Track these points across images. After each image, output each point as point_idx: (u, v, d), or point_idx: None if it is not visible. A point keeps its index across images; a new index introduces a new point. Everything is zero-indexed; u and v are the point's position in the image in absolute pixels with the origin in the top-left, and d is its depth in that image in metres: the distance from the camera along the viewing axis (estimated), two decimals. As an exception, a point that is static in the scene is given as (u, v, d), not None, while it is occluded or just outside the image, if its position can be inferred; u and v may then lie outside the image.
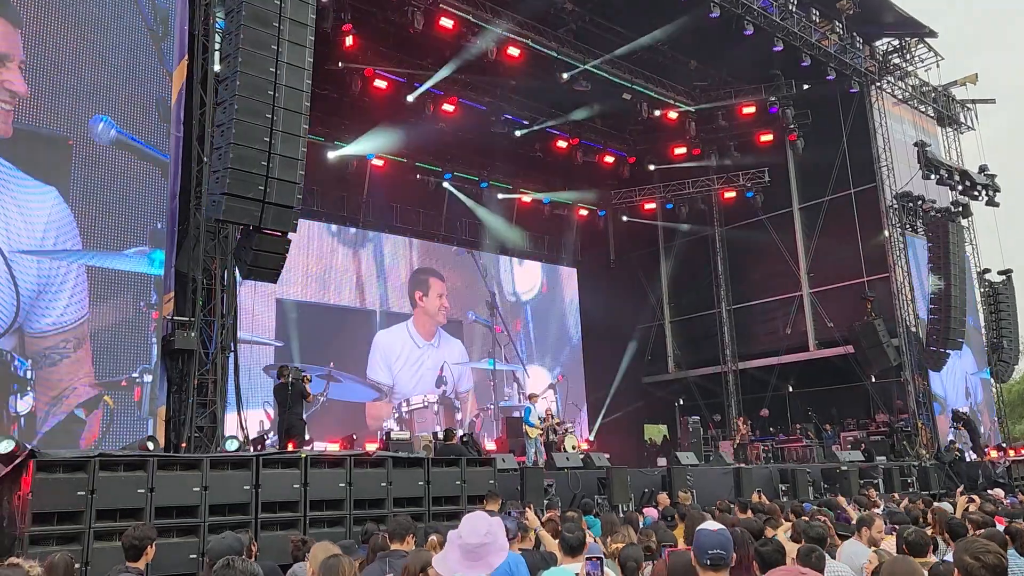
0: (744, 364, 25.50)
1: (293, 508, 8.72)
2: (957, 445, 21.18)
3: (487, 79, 21.01)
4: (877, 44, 24.22)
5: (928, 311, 22.01)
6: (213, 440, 10.84)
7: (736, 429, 21.82)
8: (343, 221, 22.43)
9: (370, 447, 14.31)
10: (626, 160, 25.57)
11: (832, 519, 7.40)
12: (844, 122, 22.53)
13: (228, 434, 11.04)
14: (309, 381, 12.77)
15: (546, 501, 11.66)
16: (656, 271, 27.87)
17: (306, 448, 11.70)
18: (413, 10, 17.19)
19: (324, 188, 21.27)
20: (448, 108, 20.86)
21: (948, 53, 24.80)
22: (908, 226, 23.00)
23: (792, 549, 5.02)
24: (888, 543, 5.85)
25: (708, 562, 3.57)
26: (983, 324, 24.67)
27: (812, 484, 16.01)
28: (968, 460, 20.43)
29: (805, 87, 22.51)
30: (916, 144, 22.54)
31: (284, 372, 12.40)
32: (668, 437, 23.76)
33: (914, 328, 22.12)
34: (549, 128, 23.39)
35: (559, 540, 5.15)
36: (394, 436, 15.08)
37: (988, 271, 24.85)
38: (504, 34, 18.73)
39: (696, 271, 26.62)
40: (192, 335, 11.01)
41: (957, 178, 22.97)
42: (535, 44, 19.48)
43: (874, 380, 22.18)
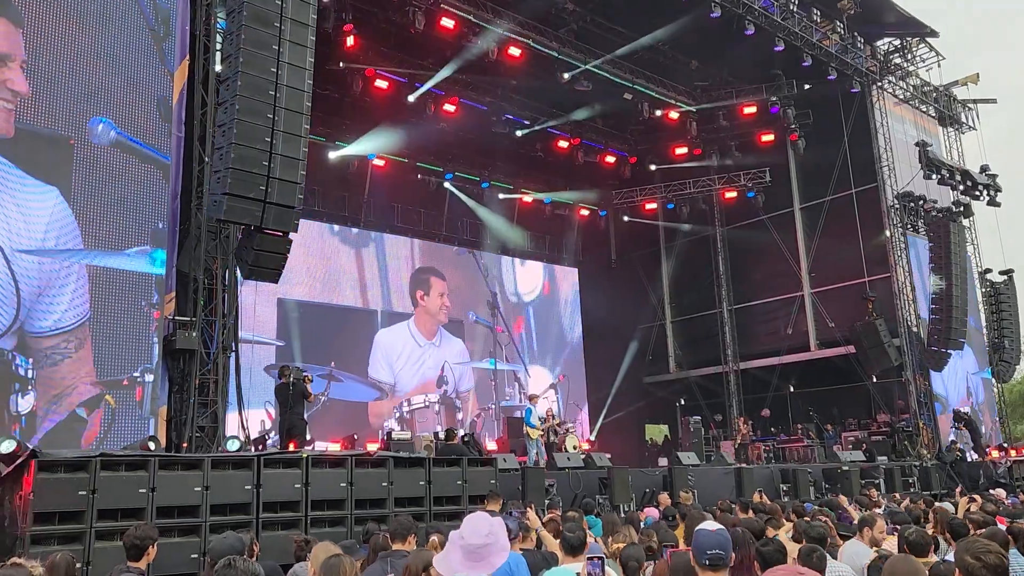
0: (745, 364, 25.49)
1: (294, 508, 8.72)
2: (958, 445, 21.17)
3: (488, 79, 21.01)
4: (878, 44, 24.20)
5: (929, 311, 21.99)
6: (214, 440, 10.85)
7: (737, 429, 21.81)
8: (344, 221, 22.43)
9: (371, 447, 14.32)
10: (627, 160, 25.57)
11: (833, 519, 7.40)
12: (845, 122, 22.51)
13: (229, 434, 11.04)
14: (310, 381, 12.79)
15: (547, 501, 11.65)
16: (657, 271, 27.86)
17: (307, 448, 11.70)
18: (414, 10, 17.21)
19: (325, 188, 21.27)
20: (449, 108, 20.86)
21: (948, 53, 24.81)
22: (909, 226, 22.98)
23: (793, 549, 5.02)
24: (890, 543, 5.85)
25: (707, 562, 3.56)
26: (984, 324, 24.65)
27: (813, 484, 16.00)
28: (969, 460, 20.41)
29: (806, 87, 22.52)
30: (917, 144, 22.53)
31: (285, 372, 12.42)
32: (669, 437, 23.76)
33: (915, 328, 22.10)
34: (550, 128, 23.39)
35: (560, 540, 5.16)
36: (395, 436, 15.09)
37: (989, 271, 24.83)
38: (505, 34, 18.73)
39: (697, 271, 26.61)
40: (193, 335, 11.02)
41: (958, 178, 22.96)
42: (536, 44, 19.48)
43: (875, 380, 22.16)
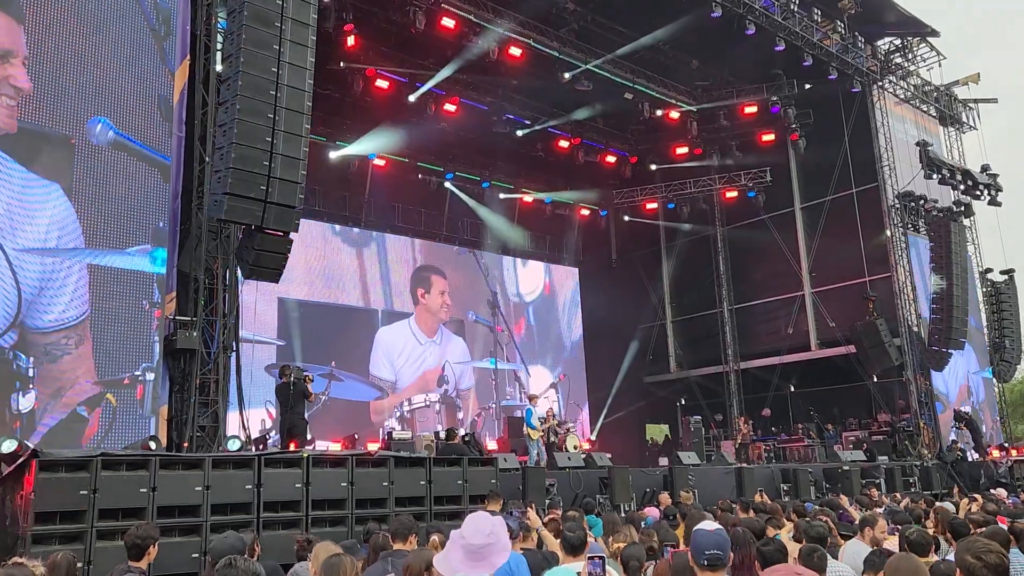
0: (746, 364, 25.48)
1: (295, 508, 8.72)
2: (959, 445, 21.16)
3: (489, 79, 21.00)
4: (879, 43, 24.18)
5: (930, 311, 21.98)
6: (215, 440, 10.85)
7: (738, 429, 21.81)
8: (345, 221, 22.43)
9: (372, 447, 14.33)
10: (628, 160, 25.56)
11: (834, 519, 7.39)
12: (846, 122, 22.49)
13: (230, 434, 11.05)
14: (311, 381, 12.80)
15: (548, 501, 11.65)
16: (658, 271, 27.86)
17: (308, 448, 11.72)
18: (415, 10, 17.20)
19: (326, 188, 21.27)
20: (450, 108, 20.85)
21: (948, 53, 24.80)
22: (910, 226, 22.96)
23: (794, 549, 5.02)
24: (891, 543, 5.84)
25: (705, 563, 3.56)
26: (985, 324, 24.64)
27: (814, 484, 16.00)
28: (970, 460, 20.41)
29: (807, 87, 22.50)
30: (918, 143, 22.52)
31: (286, 372, 12.43)
32: (670, 437, 23.77)
33: (916, 328, 22.09)
34: (551, 128, 23.38)
35: (560, 539, 5.16)
36: (396, 436, 15.09)
37: (990, 271, 24.81)
38: (506, 34, 18.73)
39: (698, 271, 26.60)
40: (194, 335, 11.03)
41: (959, 177, 22.95)
42: (537, 44, 19.47)
43: (876, 380, 22.15)
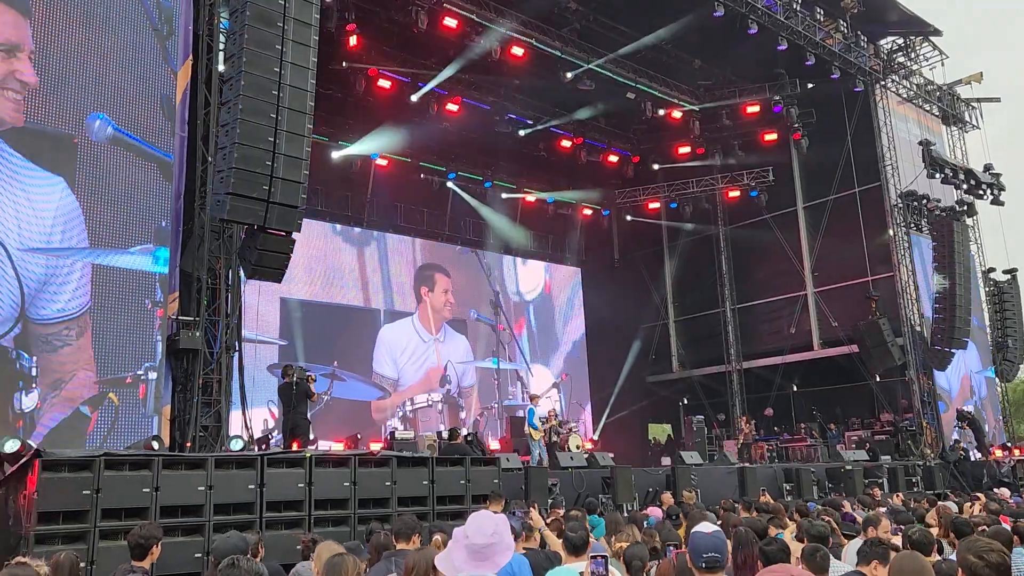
0: (748, 363, 25.46)
1: (297, 507, 8.72)
2: (962, 444, 21.13)
3: (491, 79, 21.00)
4: (882, 43, 24.15)
5: (933, 310, 21.94)
6: (218, 439, 10.87)
7: (740, 429, 21.78)
8: (347, 220, 22.44)
9: (374, 446, 14.32)
10: (630, 159, 25.55)
11: (837, 519, 7.39)
12: (848, 121, 22.47)
13: (233, 433, 11.07)
14: (313, 380, 12.81)
15: (550, 500, 11.66)
16: (660, 270, 27.84)
17: (310, 447, 11.72)
18: (417, 9, 17.21)
19: (328, 188, 21.28)
20: (452, 108, 20.86)
21: (949, 53, 24.78)
22: (913, 225, 22.93)
23: (797, 549, 5.02)
24: (894, 543, 5.83)
25: (704, 565, 3.55)
26: (988, 323, 24.60)
27: (817, 484, 15.98)
28: (973, 460, 20.38)
29: (809, 86, 22.48)
30: (921, 143, 22.49)
31: (288, 371, 12.43)
32: (672, 436, 23.79)
33: (919, 327, 22.05)
34: (553, 127, 23.38)
35: (562, 539, 5.16)
36: (398, 435, 15.08)
37: (993, 270, 24.78)
38: (508, 33, 18.72)
39: (700, 270, 26.59)
40: (197, 335, 11.05)
41: (962, 177, 22.91)
42: (539, 43, 19.47)
43: (878, 379, 22.11)
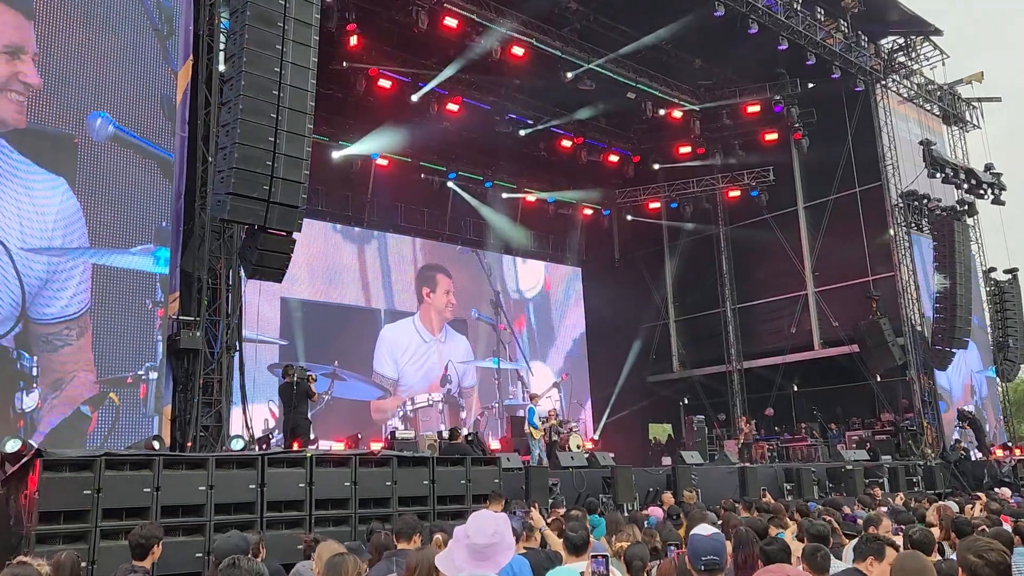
0: (749, 363, 25.46)
1: (298, 507, 8.71)
2: (963, 444, 21.12)
3: (491, 78, 21.00)
4: (882, 42, 24.13)
5: (933, 310, 21.93)
6: (218, 439, 10.87)
7: (740, 429, 21.77)
8: (348, 220, 22.45)
9: (375, 446, 14.33)
10: (630, 159, 25.54)
11: (838, 519, 7.39)
12: (849, 121, 22.47)
13: (233, 433, 11.07)
14: (314, 380, 12.82)
15: (551, 500, 11.66)
16: (661, 270, 27.84)
17: (311, 447, 11.72)
18: (417, 9, 17.21)
19: (329, 188, 21.28)
20: (452, 107, 20.87)
21: (950, 53, 24.75)
22: (913, 225, 22.92)
23: (798, 548, 5.02)
24: (889, 539, 5.83)
25: (703, 568, 3.55)
26: (988, 323, 24.59)
27: (817, 483, 15.98)
28: (974, 459, 20.37)
29: (810, 86, 22.47)
30: (921, 142, 22.47)
31: (289, 371, 12.44)
32: (673, 436, 23.77)
33: (919, 327, 22.05)
34: (553, 127, 23.37)
35: (563, 539, 5.16)
36: (399, 435, 15.07)
37: (994, 270, 24.76)
38: (508, 33, 18.72)
39: (701, 270, 26.58)
40: (197, 335, 11.05)
41: (963, 176, 22.88)
42: (539, 43, 19.47)
43: (879, 379, 22.11)
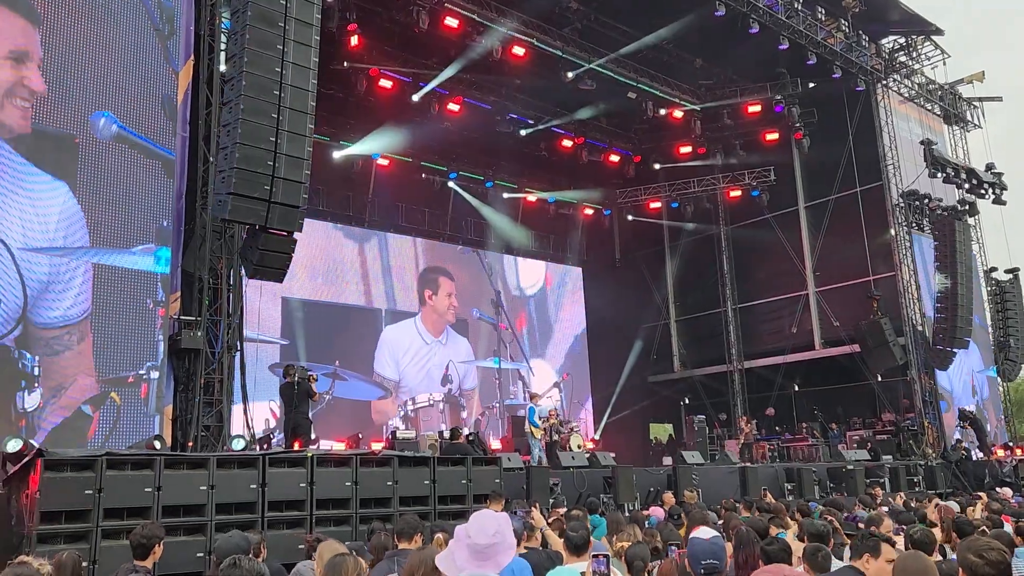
0: (750, 363, 25.45)
1: (299, 507, 8.72)
2: (964, 444, 21.11)
3: (492, 78, 21.00)
4: (883, 42, 24.12)
5: (935, 310, 21.92)
6: (219, 439, 10.88)
7: (740, 429, 21.76)
8: (348, 220, 22.45)
9: (376, 446, 14.33)
10: (631, 159, 25.54)
11: (840, 519, 7.39)
12: (850, 120, 22.46)
13: (234, 433, 11.08)
14: (315, 380, 12.81)
15: (552, 500, 11.66)
16: (661, 270, 27.83)
17: (312, 447, 11.73)
18: (418, 9, 17.21)
19: (330, 187, 21.29)
20: (453, 107, 20.87)
21: (951, 52, 24.72)
22: (914, 224, 22.91)
23: (798, 548, 5.02)
24: (897, 543, 5.83)
25: (702, 571, 3.55)
26: (989, 323, 24.57)
27: (818, 483, 15.98)
28: (975, 459, 20.36)
29: (811, 85, 22.48)
30: (922, 142, 22.46)
31: (290, 371, 12.44)
32: (673, 436, 23.78)
33: (920, 327, 22.04)
34: (554, 127, 23.37)
35: (563, 539, 5.16)
36: (400, 435, 15.06)
37: (995, 269, 24.75)
38: (509, 33, 18.72)
39: (701, 270, 26.58)
40: (198, 334, 11.06)
41: (964, 176, 22.87)
42: (540, 43, 19.47)
43: (880, 379, 22.10)
